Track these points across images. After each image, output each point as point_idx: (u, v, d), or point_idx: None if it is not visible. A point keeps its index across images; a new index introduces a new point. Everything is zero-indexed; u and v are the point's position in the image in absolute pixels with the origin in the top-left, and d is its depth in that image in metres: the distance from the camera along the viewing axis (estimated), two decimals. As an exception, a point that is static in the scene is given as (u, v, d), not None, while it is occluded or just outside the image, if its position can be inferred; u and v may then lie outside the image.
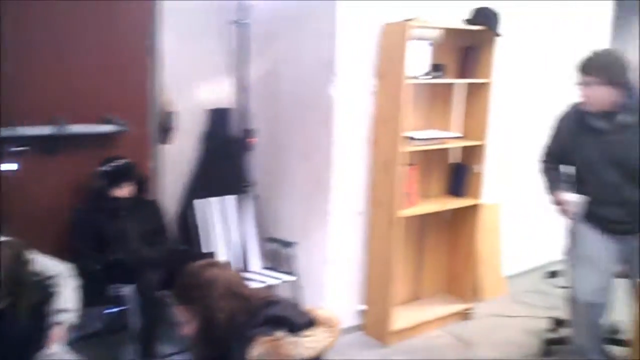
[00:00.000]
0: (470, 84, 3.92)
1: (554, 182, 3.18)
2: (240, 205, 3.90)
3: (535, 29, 4.49)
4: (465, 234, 4.14)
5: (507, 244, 4.69)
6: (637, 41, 5.64)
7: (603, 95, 2.87)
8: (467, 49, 3.87)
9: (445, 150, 4.01)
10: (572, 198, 3.03)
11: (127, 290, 3.20)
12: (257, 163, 3.98)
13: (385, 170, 3.63)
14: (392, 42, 3.50)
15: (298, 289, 3.76)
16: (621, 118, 2.87)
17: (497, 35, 3.74)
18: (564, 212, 3.09)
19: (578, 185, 3.09)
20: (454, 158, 4.10)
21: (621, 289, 3.17)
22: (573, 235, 3.21)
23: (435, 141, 3.75)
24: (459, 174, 4.04)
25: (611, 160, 2.91)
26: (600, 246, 3.07)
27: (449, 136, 3.86)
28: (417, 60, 3.53)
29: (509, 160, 4.48)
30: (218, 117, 3.94)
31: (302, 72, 3.76)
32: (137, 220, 3.48)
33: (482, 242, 4.30)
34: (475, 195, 4.02)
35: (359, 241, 3.82)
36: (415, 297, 4.23)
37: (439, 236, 4.22)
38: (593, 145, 2.96)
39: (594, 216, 3.06)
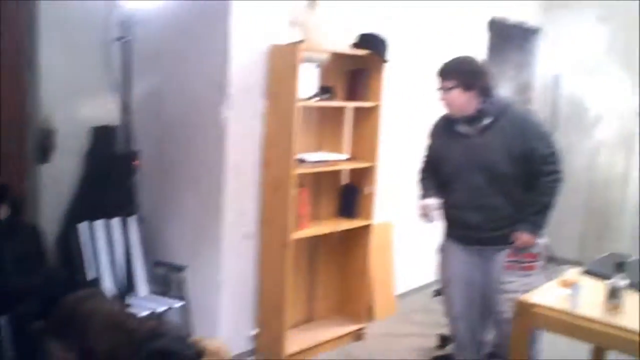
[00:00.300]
0: (359, 107, 3.99)
1: (425, 190, 3.27)
2: (126, 228, 3.73)
3: (422, 54, 4.66)
4: (357, 254, 4.18)
5: (399, 263, 4.80)
6: (509, 65, 6.12)
7: (461, 100, 2.99)
8: (355, 72, 3.95)
9: (337, 172, 4.05)
10: (429, 202, 3.12)
11: (0, 321, 2.97)
12: (146, 184, 3.84)
13: (276, 193, 3.61)
14: (282, 64, 3.51)
15: (188, 314, 3.64)
16: (484, 122, 3.00)
17: (384, 60, 3.84)
18: (423, 216, 3.16)
19: (447, 191, 3.19)
20: (347, 179, 4.15)
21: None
22: (441, 252, 3.32)
23: (326, 163, 3.78)
24: (350, 196, 4.09)
25: (476, 164, 3.03)
26: (464, 261, 3.19)
27: (339, 158, 3.90)
28: (304, 82, 3.55)
29: (401, 179, 4.60)
30: (102, 136, 3.76)
31: (192, 92, 3.68)
32: (11, 245, 3.23)
33: (374, 261, 4.36)
34: (367, 216, 4.08)
35: (251, 264, 3.77)
36: (308, 319, 4.21)
37: (331, 257, 4.24)
38: (459, 150, 3.08)
39: (457, 221, 3.16)
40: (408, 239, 4.84)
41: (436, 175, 3.24)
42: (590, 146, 6.05)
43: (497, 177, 2.99)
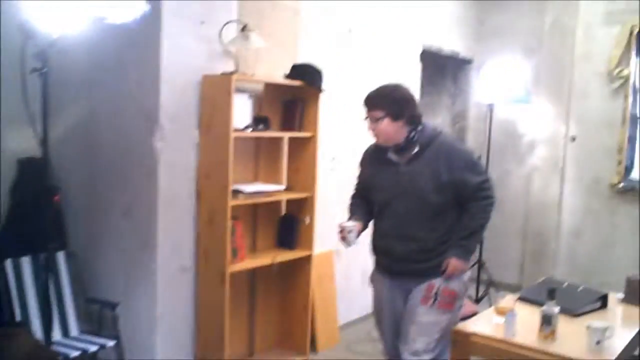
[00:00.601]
0: (296, 137, 3.98)
1: (351, 214, 3.19)
2: (55, 264, 3.58)
3: (357, 84, 4.70)
4: (298, 285, 4.13)
5: (341, 292, 4.76)
6: (444, 95, 6.28)
7: (390, 129, 2.93)
8: (291, 102, 3.94)
9: (275, 202, 4.00)
10: (347, 224, 3.05)
11: None
12: (77, 218, 3.70)
13: (211, 225, 3.53)
14: (215, 94, 3.46)
15: (122, 353, 3.50)
16: (413, 152, 2.96)
17: (320, 90, 3.84)
18: (342, 239, 3.04)
19: (377, 220, 3.14)
20: (285, 210, 4.11)
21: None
22: (371, 283, 3.28)
23: (263, 194, 3.73)
24: (289, 226, 4.04)
25: (405, 193, 2.96)
26: (390, 292, 3.12)
27: (277, 189, 3.86)
28: (239, 113, 3.52)
29: (341, 208, 4.57)
30: (28, 169, 3.62)
31: (123, 123, 3.58)
32: None
33: (316, 292, 4.31)
34: (307, 246, 4.04)
35: (188, 298, 3.66)
36: (249, 353, 4.12)
37: (271, 289, 4.17)
38: (388, 178, 3.02)
39: (384, 251, 3.10)
40: (350, 268, 4.81)
41: (367, 203, 3.21)
42: (525, 172, 6.21)
43: (425, 206, 2.95)
